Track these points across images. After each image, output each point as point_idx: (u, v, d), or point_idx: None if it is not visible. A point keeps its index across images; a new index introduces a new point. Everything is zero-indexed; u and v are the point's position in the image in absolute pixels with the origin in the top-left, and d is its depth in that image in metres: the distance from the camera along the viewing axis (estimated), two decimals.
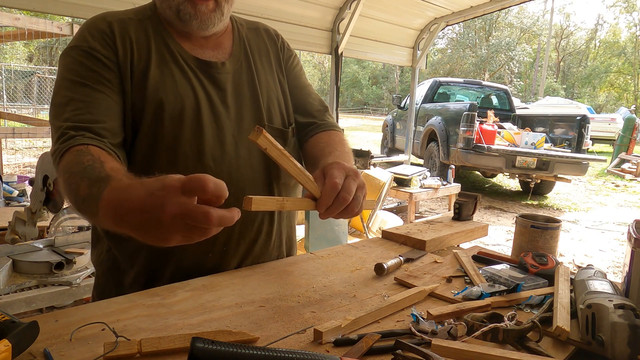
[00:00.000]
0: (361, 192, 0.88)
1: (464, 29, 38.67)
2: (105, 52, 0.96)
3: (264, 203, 0.77)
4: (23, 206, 2.79)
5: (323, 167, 0.90)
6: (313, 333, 0.73)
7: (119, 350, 0.65)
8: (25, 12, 5.81)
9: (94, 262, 1.09)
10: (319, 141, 1.13)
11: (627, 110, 14.16)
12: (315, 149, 1.11)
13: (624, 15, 39.52)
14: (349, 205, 0.85)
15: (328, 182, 0.84)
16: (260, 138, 0.74)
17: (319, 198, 0.85)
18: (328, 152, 1.05)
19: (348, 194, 0.84)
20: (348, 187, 0.85)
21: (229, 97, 1.05)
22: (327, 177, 0.85)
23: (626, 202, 8.03)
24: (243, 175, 1.02)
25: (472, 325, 0.76)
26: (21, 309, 1.52)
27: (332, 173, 0.85)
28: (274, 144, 0.77)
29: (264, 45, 1.18)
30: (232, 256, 1.04)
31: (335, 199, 0.84)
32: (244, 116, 1.06)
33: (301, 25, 5.19)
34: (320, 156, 1.06)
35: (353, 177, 0.87)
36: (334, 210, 0.85)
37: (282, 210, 0.83)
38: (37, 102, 12.75)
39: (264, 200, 0.77)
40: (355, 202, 0.86)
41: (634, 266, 0.85)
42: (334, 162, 0.89)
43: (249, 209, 0.75)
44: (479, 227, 1.40)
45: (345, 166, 0.88)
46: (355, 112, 39.08)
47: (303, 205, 0.87)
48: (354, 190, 0.85)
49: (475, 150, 6.71)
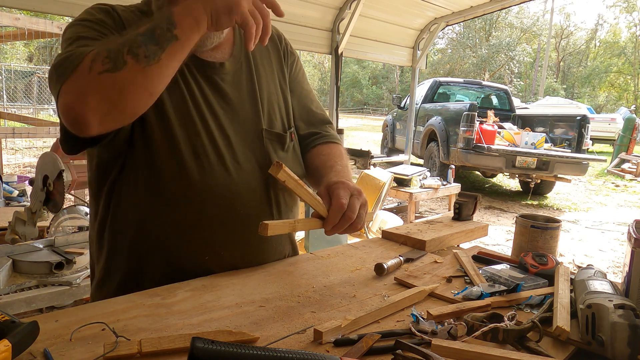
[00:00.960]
0: (364, 209, 0.97)
1: (464, 29, 38.67)
2: (112, 23, 0.95)
3: (279, 228, 0.89)
4: (23, 206, 2.79)
5: (328, 185, 0.98)
6: (313, 333, 0.73)
7: (119, 350, 0.65)
8: (25, 12, 5.81)
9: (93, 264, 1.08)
10: (320, 153, 1.17)
11: (627, 110, 14.16)
12: (317, 160, 1.16)
13: (624, 15, 39.52)
14: (353, 223, 0.94)
15: (335, 203, 0.93)
16: (280, 173, 0.86)
17: (326, 217, 0.93)
18: (330, 165, 1.11)
19: (353, 212, 0.93)
20: (353, 206, 0.94)
21: (226, 99, 1.04)
22: (334, 198, 0.94)
23: (626, 202, 8.03)
24: (241, 181, 1.01)
25: (472, 325, 0.76)
26: (21, 309, 1.52)
27: (339, 193, 0.94)
28: (292, 176, 0.88)
29: (265, 47, 1.16)
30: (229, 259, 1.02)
31: (342, 218, 0.93)
32: (243, 119, 1.05)
33: (301, 25, 5.19)
34: (321, 168, 1.12)
35: (357, 197, 0.96)
36: (340, 227, 0.94)
37: (294, 231, 0.95)
38: (37, 102, 12.75)
39: (279, 225, 0.89)
40: (359, 219, 0.95)
41: (634, 266, 0.85)
42: (339, 182, 0.98)
43: (265, 234, 0.85)
44: (479, 227, 1.40)
45: (349, 186, 0.97)
46: (355, 112, 39.07)
47: (312, 225, 0.96)
48: (357, 208, 0.94)
49: (475, 150, 6.70)
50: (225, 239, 1.00)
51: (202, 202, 0.96)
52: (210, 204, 0.97)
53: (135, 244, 0.98)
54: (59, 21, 6.88)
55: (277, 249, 1.11)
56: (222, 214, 0.98)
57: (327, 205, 0.95)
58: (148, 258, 0.98)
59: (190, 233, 0.97)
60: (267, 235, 0.84)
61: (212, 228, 0.98)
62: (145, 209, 0.96)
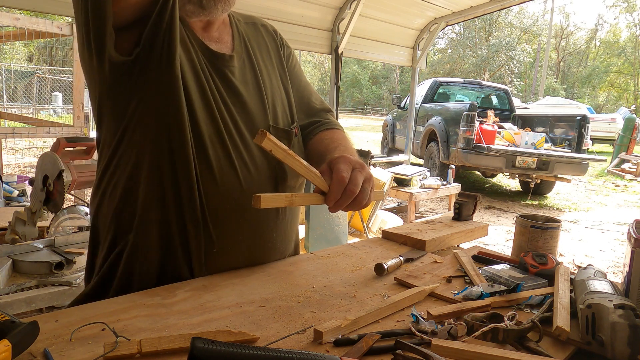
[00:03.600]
0: (368, 184, 0.89)
1: (464, 29, 38.66)
2: None
3: (273, 200, 0.79)
4: (23, 206, 2.79)
5: (329, 161, 0.91)
6: (313, 333, 0.73)
7: (119, 350, 0.65)
8: (25, 12, 5.80)
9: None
10: (323, 138, 1.13)
11: (627, 110, 14.16)
12: (320, 145, 1.12)
13: (624, 15, 39.52)
14: (357, 198, 0.87)
15: (335, 176, 0.86)
16: (264, 141, 0.76)
17: (327, 192, 0.86)
18: (333, 147, 1.05)
19: (355, 186, 0.86)
20: (355, 179, 0.86)
21: (237, 94, 1.02)
22: (334, 171, 0.87)
23: (626, 202, 8.03)
24: (251, 178, 1.00)
25: (472, 325, 0.76)
26: (21, 309, 1.52)
27: (339, 167, 0.87)
28: (278, 145, 0.78)
29: (263, 42, 1.15)
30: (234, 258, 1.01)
31: (344, 192, 0.86)
32: (252, 115, 1.03)
33: (301, 25, 5.18)
34: (324, 152, 1.07)
35: (359, 170, 0.89)
36: (343, 203, 0.87)
37: (291, 206, 0.86)
38: (37, 102, 12.75)
39: (272, 198, 0.79)
40: (363, 194, 0.88)
41: (634, 266, 0.85)
42: (340, 156, 0.91)
43: (258, 207, 0.77)
44: (479, 227, 1.40)
45: (351, 159, 0.90)
46: (355, 112, 39.06)
47: (312, 200, 0.89)
48: (360, 182, 0.87)
49: (475, 150, 6.70)
50: (234, 238, 0.99)
51: (210, 199, 0.94)
52: (220, 201, 0.95)
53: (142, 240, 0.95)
54: (59, 21, 6.87)
55: (281, 249, 1.11)
56: (232, 212, 0.97)
57: (329, 182, 0.87)
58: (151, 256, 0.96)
59: (197, 230, 0.95)
60: (260, 207, 0.76)
61: (222, 226, 0.97)
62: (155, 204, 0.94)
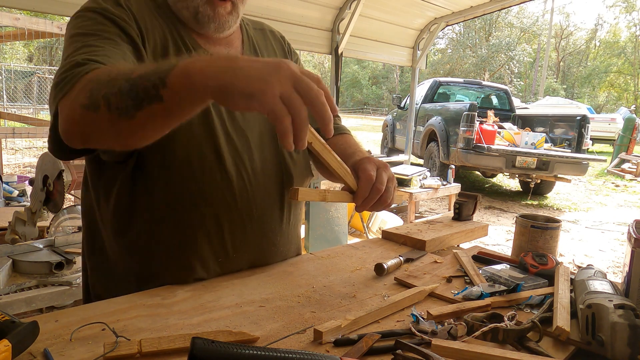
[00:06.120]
0: (392, 183, 0.95)
1: (464, 29, 38.69)
2: (118, 13, 0.89)
3: (308, 194, 0.86)
4: (23, 206, 2.79)
5: (353, 163, 0.95)
6: (313, 333, 0.73)
7: (119, 350, 0.65)
8: (25, 12, 5.81)
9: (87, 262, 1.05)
10: (337, 143, 1.13)
11: (627, 110, 14.16)
12: (335, 150, 1.11)
13: (624, 15, 39.53)
14: (382, 196, 0.92)
15: (362, 175, 0.91)
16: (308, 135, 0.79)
17: (356, 190, 0.91)
18: (351, 151, 1.07)
19: (381, 184, 0.91)
20: (381, 177, 0.92)
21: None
22: (361, 171, 0.92)
23: (626, 202, 8.03)
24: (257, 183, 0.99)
25: (472, 325, 0.76)
26: (21, 309, 1.52)
27: (365, 167, 0.92)
28: (318, 138, 0.83)
29: (271, 48, 1.16)
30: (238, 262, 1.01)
31: (371, 191, 0.90)
32: (259, 121, 1.02)
33: (301, 25, 5.18)
34: (342, 156, 1.06)
35: (384, 170, 0.94)
36: (370, 201, 0.91)
37: (324, 201, 0.90)
38: (37, 102, 12.75)
39: (308, 192, 0.86)
40: (388, 193, 0.93)
41: (634, 266, 0.85)
42: (364, 157, 0.96)
43: (295, 199, 0.83)
44: (479, 227, 1.40)
45: (375, 160, 0.95)
46: (355, 112, 39.06)
47: (343, 197, 0.93)
48: (385, 181, 0.92)
49: (475, 150, 6.71)
50: (240, 242, 0.98)
51: (219, 204, 0.94)
52: (228, 206, 0.95)
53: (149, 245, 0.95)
54: (59, 21, 6.88)
55: (283, 253, 1.10)
56: (238, 217, 0.96)
57: (356, 181, 0.92)
58: (160, 259, 0.95)
59: (206, 235, 0.94)
60: (297, 200, 0.81)
61: (228, 231, 0.96)
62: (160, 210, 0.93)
